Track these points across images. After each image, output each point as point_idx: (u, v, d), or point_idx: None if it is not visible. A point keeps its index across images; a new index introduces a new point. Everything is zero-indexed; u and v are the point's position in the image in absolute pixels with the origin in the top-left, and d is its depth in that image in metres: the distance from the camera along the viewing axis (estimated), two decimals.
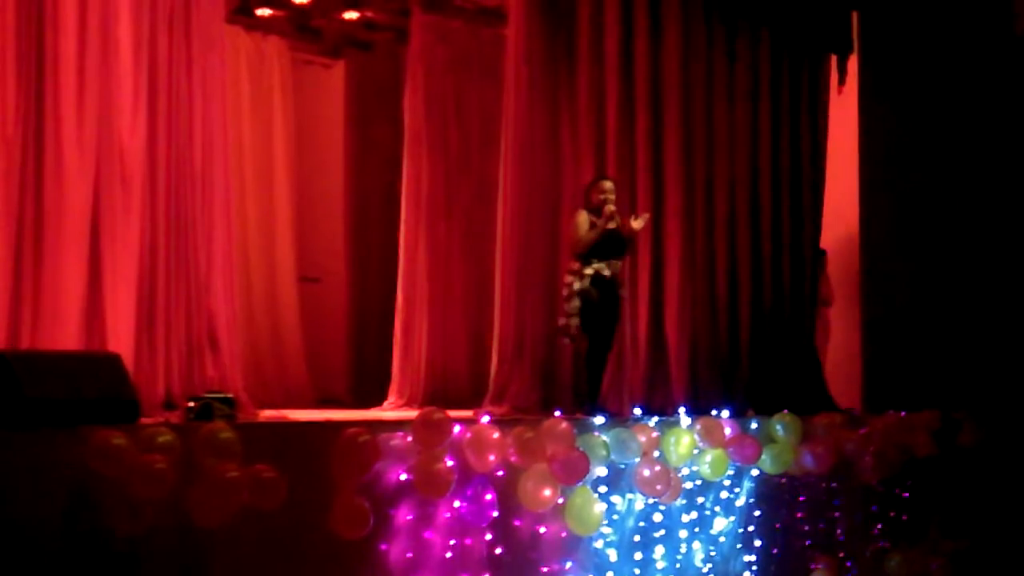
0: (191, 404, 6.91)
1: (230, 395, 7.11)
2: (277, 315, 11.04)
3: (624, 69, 9.22)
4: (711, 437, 8.15)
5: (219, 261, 7.73)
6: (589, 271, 8.29)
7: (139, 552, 5.66)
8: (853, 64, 11.00)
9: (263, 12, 10.90)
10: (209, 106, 7.73)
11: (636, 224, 8.40)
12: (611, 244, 8.35)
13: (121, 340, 7.00)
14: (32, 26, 6.94)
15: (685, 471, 8.12)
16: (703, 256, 9.56)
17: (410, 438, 6.57)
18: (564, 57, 9.11)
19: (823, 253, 10.63)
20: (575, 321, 8.26)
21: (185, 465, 5.68)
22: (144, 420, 6.35)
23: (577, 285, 8.28)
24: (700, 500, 8.39)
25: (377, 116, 11.63)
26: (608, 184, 8.46)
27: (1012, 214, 11.47)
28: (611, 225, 8.33)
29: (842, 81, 10.85)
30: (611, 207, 8.31)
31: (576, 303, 8.26)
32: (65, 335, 6.85)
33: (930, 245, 11.41)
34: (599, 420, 7.72)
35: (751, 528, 8.75)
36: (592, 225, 8.31)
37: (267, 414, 7.76)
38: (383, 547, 6.58)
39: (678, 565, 8.20)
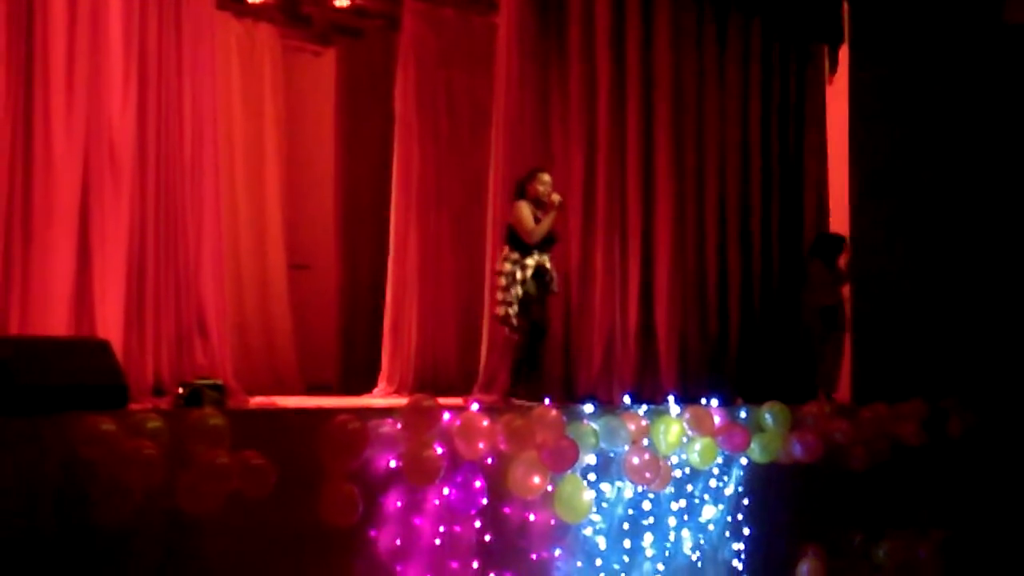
0: (180, 390, 6.91)
1: (219, 381, 7.12)
2: (267, 302, 11.02)
3: (615, 59, 9.22)
4: (700, 426, 8.17)
5: (208, 248, 7.72)
6: (531, 262, 8.38)
7: (128, 538, 5.66)
8: (844, 54, 11.04)
9: None
10: (199, 93, 7.71)
11: (555, 199, 8.44)
12: (548, 236, 8.48)
13: (110, 326, 6.99)
14: (22, 12, 6.91)
15: (674, 459, 8.14)
16: (693, 245, 9.57)
17: (399, 425, 6.57)
18: (555, 47, 9.10)
19: (842, 240, 10.57)
20: (515, 310, 8.32)
21: (174, 451, 5.68)
22: (133, 406, 6.35)
23: (519, 275, 8.36)
24: (689, 488, 8.41)
25: (368, 104, 11.60)
26: (547, 176, 8.53)
27: (1001, 204, 11.48)
28: (550, 219, 8.42)
29: (833, 71, 10.87)
30: (557, 196, 8.41)
31: (517, 292, 8.34)
32: (54, 321, 6.84)
33: (920, 235, 11.42)
34: (589, 408, 7.73)
35: (740, 516, 8.77)
36: (535, 217, 8.38)
37: (256, 401, 7.76)
38: (372, 534, 6.59)
39: (667, 553, 8.22)
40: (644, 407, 8.15)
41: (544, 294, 8.49)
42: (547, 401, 7.69)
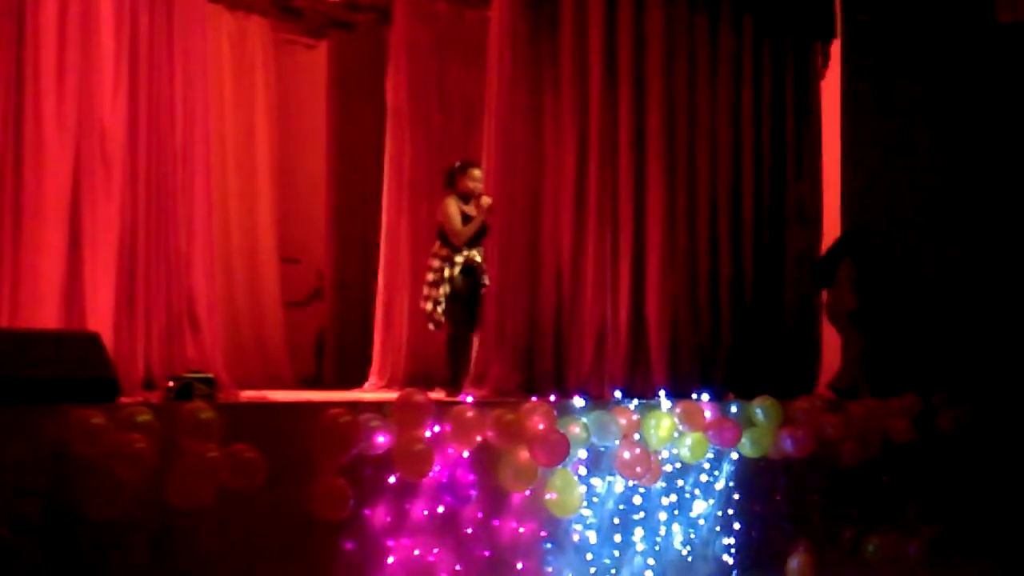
0: (171, 384, 6.90)
1: (210, 375, 7.10)
2: (258, 295, 11.02)
3: (607, 53, 9.20)
4: (691, 420, 8.17)
5: (199, 241, 7.71)
6: (459, 258, 8.65)
7: (118, 531, 5.65)
8: (836, 50, 11.04)
9: None
10: (190, 85, 7.70)
11: (485, 203, 8.67)
12: (480, 231, 8.74)
13: (101, 319, 6.98)
14: (13, 5, 6.90)
15: (665, 454, 8.15)
16: (685, 240, 9.56)
17: (390, 419, 6.57)
18: (547, 40, 9.09)
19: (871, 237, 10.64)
20: (441, 307, 8.58)
21: (164, 445, 5.67)
22: (123, 399, 6.34)
23: (447, 272, 8.61)
24: (680, 483, 8.42)
25: (360, 97, 11.59)
26: (479, 172, 8.79)
27: (994, 200, 11.51)
28: (479, 213, 8.71)
29: (825, 67, 10.87)
30: (488, 199, 8.64)
31: (445, 289, 8.59)
32: (44, 314, 6.83)
33: (912, 230, 11.44)
34: (580, 402, 7.73)
35: (730, 511, 8.78)
36: (463, 212, 8.63)
37: (247, 394, 7.75)
38: (362, 527, 6.59)
39: (657, 548, 8.23)
40: (635, 402, 8.16)
41: (475, 290, 8.69)
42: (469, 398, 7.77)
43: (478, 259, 8.72)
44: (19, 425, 5.53)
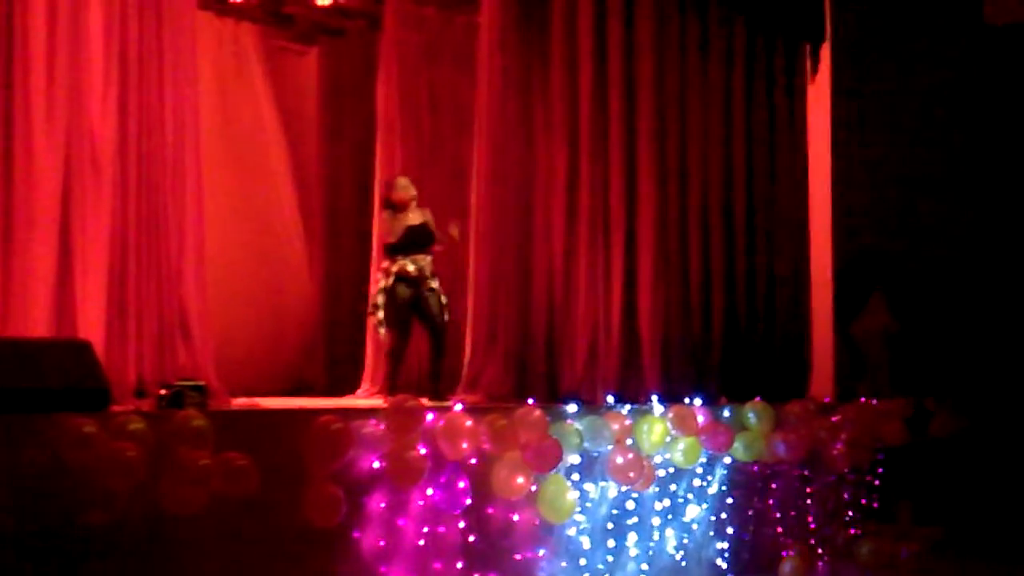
0: (162, 392, 6.87)
1: (202, 383, 7.08)
2: (250, 303, 10.99)
3: (597, 57, 9.21)
4: (684, 425, 8.18)
5: (191, 248, 7.68)
6: (394, 268, 8.91)
7: (110, 541, 5.63)
8: (826, 53, 11.07)
9: None
10: (180, 92, 7.67)
11: (453, 232, 9.01)
12: (416, 239, 8.95)
13: (92, 327, 6.94)
14: (1, 12, 6.87)
15: (658, 459, 8.15)
16: (677, 244, 9.57)
17: (383, 426, 6.56)
18: (537, 45, 9.09)
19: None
20: (380, 316, 8.90)
21: (156, 453, 5.66)
22: (115, 408, 6.31)
23: (383, 283, 8.95)
24: (673, 488, 8.42)
25: (351, 103, 11.58)
26: (403, 181, 9.18)
27: (984, 199, 11.54)
28: (413, 221, 8.95)
29: (815, 70, 10.90)
30: (455, 229, 8.98)
31: (380, 299, 8.93)
32: (35, 322, 6.80)
33: (902, 232, 11.46)
34: (572, 408, 7.73)
35: (723, 515, 8.79)
36: (393, 222, 8.97)
37: (239, 402, 7.73)
38: (356, 535, 6.58)
39: (651, 553, 8.23)
40: (627, 406, 8.16)
41: (415, 297, 8.91)
42: (455, 403, 7.82)
43: (410, 268, 8.89)
44: (10, 434, 5.50)
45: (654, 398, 8.45)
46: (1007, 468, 10.61)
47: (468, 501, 6.94)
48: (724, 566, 8.76)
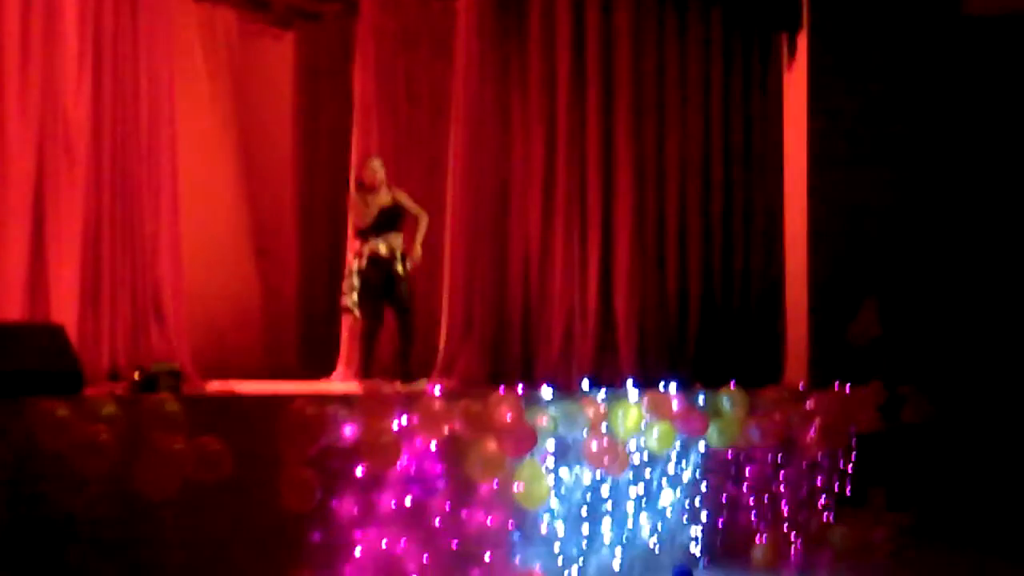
0: (136, 375, 6.86)
1: (176, 366, 7.07)
2: (225, 286, 10.96)
3: (575, 44, 9.21)
4: (658, 410, 8.19)
5: (165, 232, 7.67)
6: (366, 250, 8.93)
7: (83, 524, 5.62)
8: (803, 42, 11.09)
9: None
10: (155, 77, 7.65)
11: (415, 256, 9.02)
12: (386, 220, 8.95)
13: (65, 311, 6.93)
14: None
15: (632, 444, 8.16)
16: (653, 230, 9.59)
17: (357, 410, 6.56)
18: (515, 31, 9.08)
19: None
20: (352, 299, 8.91)
21: (130, 437, 5.65)
22: (88, 391, 6.30)
23: (355, 264, 8.95)
24: (647, 473, 8.44)
25: (327, 88, 11.55)
26: (375, 163, 9.14)
27: (961, 190, 11.58)
28: (384, 202, 8.97)
29: (791, 58, 10.91)
30: (417, 255, 8.97)
31: (354, 281, 8.91)
32: (8, 306, 6.78)
33: (878, 221, 11.49)
34: (547, 393, 7.74)
35: (697, 501, 8.81)
36: (366, 203, 8.95)
37: (213, 386, 7.72)
38: (330, 519, 6.57)
39: (625, 538, 8.25)
40: (603, 392, 8.17)
41: (388, 279, 8.89)
42: (428, 383, 7.98)
43: (382, 250, 8.88)
44: None
45: (629, 383, 8.46)
46: (978, 454, 10.68)
47: (442, 486, 6.94)
48: (698, 552, 8.79)
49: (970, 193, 11.55)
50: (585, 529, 7.96)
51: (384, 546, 6.77)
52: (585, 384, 8.36)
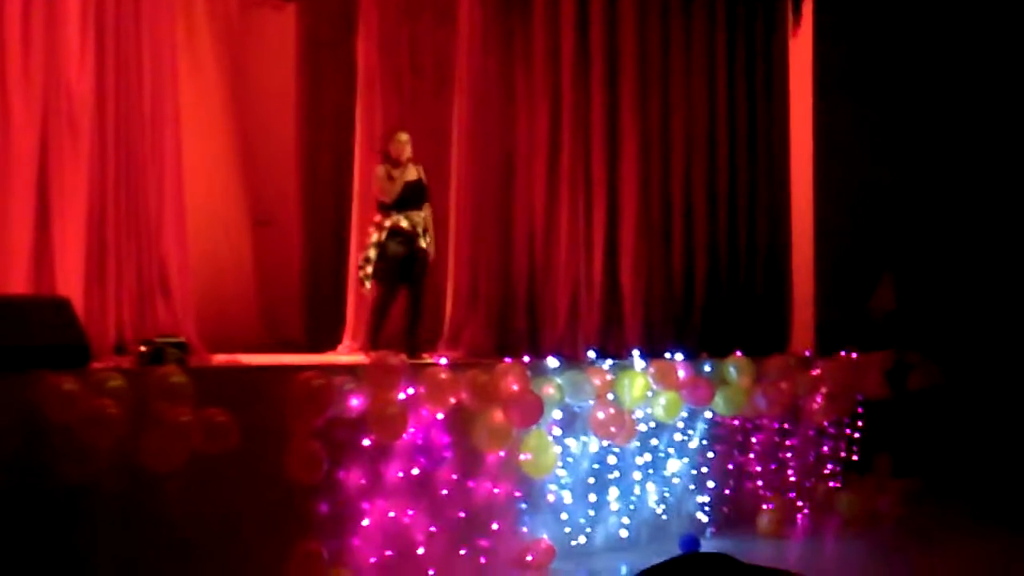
0: (143, 349, 6.87)
1: (182, 339, 7.08)
2: (230, 258, 10.95)
3: (580, 16, 9.16)
4: (665, 379, 8.21)
5: (169, 205, 7.66)
6: (388, 223, 8.88)
7: (91, 496, 5.65)
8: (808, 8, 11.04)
9: None
10: (157, 49, 7.62)
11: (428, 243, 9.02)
12: (410, 196, 8.93)
13: (71, 284, 6.93)
14: None
15: (639, 413, 8.18)
16: (658, 200, 9.56)
17: (364, 381, 6.57)
18: (519, 2, 9.04)
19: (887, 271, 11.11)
20: (369, 270, 8.86)
21: (137, 410, 5.66)
22: (95, 365, 6.31)
23: (375, 237, 8.89)
24: (654, 442, 8.46)
25: (330, 59, 11.49)
26: (403, 136, 9.09)
27: (966, 156, 11.55)
28: (410, 177, 8.94)
29: (796, 22, 10.85)
30: (406, 153, 8.98)
31: (371, 253, 8.87)
32: (14, 280, 6.79)
33: (885, 187, 11.48)
34: (554, 363, 7.75)
35: (704, 469, 8.83)
36: (390, 177, 8.89)
37: (220, 358, 7.73)
38: (337, 490, 6.60)
39: (632, 507, 8.27)
40: (609, 362, 8.18)
41: (408, 254, 8.87)
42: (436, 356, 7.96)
43: (404, 224, 8.85)
44: None
45: (635, 353, 8.47)
46: (985, 421, 10.70)
47: (449, 455, 6.97)
48: (705, 520, 8.82)
49: (979, 160, 11.52)
50: (592, 498, 7.98)
51: (391, 516, 6.80)
52: (591, 354, 8.37)
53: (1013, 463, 10.45)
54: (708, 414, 8.79)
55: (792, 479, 9.51)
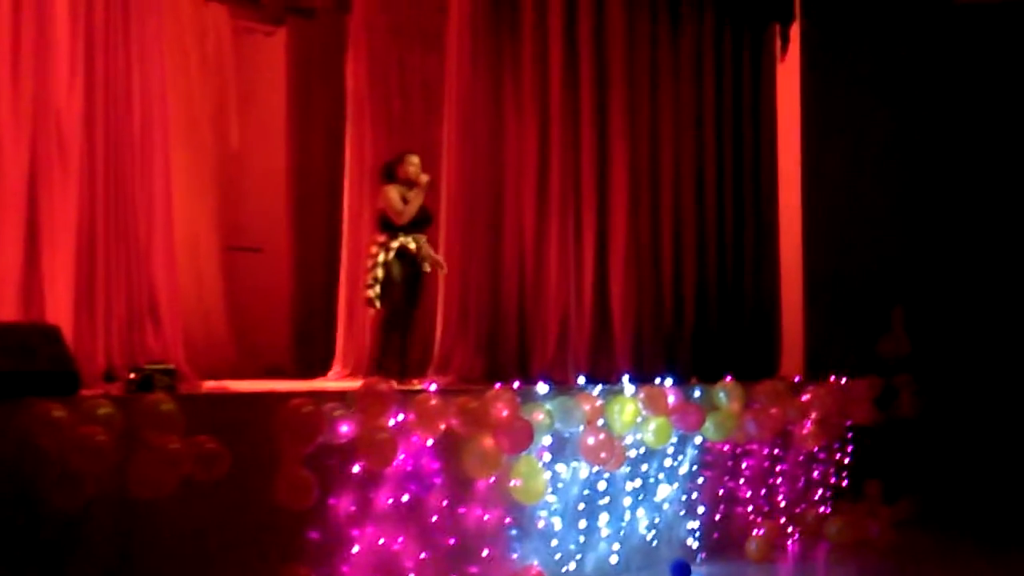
0: (132, 376, 6.83)
1: (171, 366, 7.04)
2: (219, 285, 10.93)
3: (568, 37, 9.19)
4: (654, 405, 8.20)
5: (159, 230, 7.64)
6: (395, 244, 8.85)
7: (80, 525, 5.61)
8: (795, 34, 11.08)
9: None
10: (147, 74, 7.61)
11: (424, 178, 8.93)
12: (422, 218, 8.95)
13: (60, 311, 6.90)
14: None
15: (629, 439, 8.17)
16: (648, 225, 9.59)
17: (354, 408, 6.55)
18: (508, 25, 9.06)
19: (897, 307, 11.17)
20: (375, 291, 8.80)
21: (126, 437, 5.63)
22: (84, 392, 6.28)
23: (381, 257, 8.83)
24: (644, 468, 8.45)
25: (320, 84, 11.51)
26: (416, 158, 9.05)
27: (952, 179, 11.60)
28: (421, 201, 8.91)
29: (784, 49, 10.90)
30: (425, 176, 8.91)
31: (378, 274, 8.81)
32: (2, 306, 6.75)
33: (872, 211, 11.51)
34: (543, 389, 7.74)
35: (694, 495, 8.82)
36: (405, 200, 8.84)
37: (209, 385, 7.70)
38: (327, 517, 6.57)
39: (622, 532, 8.25)
40: (599, 387, 8.17)
41: (412, 276, 8.87)
42: (418, 382, 7.93)
43: (412, 246, 8.86)
44: None
45: (625, 378, 8.46)
46: (974, 446, 10.71)
47: (439, 483, 6.94)
48: (695, 545, 8.80)
49: (965, 182, 11.57)
50: (582, 524, 7.96)
51: (381, 543, 6.77)
52: (581, 379, 8.36)
53: (1003, 488, 10.46)
54: (698, 439, 8.79)
55: (782, 504, 9.51)
